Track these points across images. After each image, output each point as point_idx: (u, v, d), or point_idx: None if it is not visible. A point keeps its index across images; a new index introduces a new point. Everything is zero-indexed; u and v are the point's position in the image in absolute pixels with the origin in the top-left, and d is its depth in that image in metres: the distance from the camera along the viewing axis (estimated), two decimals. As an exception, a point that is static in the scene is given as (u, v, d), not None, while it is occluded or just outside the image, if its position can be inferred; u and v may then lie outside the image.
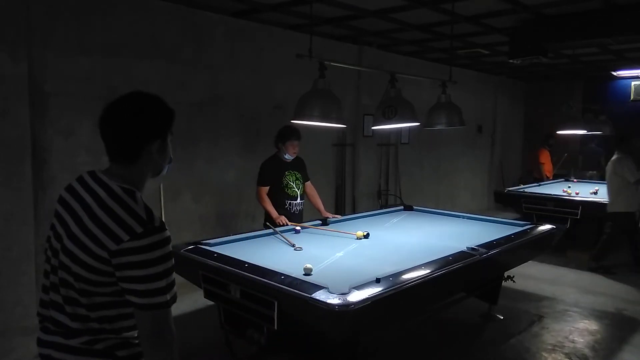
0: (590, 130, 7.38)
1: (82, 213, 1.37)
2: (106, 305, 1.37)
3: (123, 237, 1.30)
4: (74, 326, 1.38)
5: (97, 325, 1.38)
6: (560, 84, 10.10)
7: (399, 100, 3.66)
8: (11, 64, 3.75)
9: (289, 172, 4.30)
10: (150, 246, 1.31)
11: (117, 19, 4.43)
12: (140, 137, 1.43)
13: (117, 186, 1.39)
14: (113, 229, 1.32)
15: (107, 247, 1.31)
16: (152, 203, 4.63)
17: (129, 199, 1.37)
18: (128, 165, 1.44)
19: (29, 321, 3.86)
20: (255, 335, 2.74)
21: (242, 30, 5.43)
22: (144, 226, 1.32)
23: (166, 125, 1.49)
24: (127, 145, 1.42)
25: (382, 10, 5.05)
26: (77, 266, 1.35)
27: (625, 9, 4.72)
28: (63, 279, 1.38)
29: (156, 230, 1.34)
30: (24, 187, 3.84)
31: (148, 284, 1.31)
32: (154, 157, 1.46)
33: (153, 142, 1.44)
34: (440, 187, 8.88)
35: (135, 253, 1.30)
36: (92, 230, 1.33)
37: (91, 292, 1.36)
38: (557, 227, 4.42)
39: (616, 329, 4.10)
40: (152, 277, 1.31)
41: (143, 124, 1.44)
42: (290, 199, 4.29)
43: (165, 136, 1.49)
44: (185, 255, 3.10)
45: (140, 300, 1.32)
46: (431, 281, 2.72)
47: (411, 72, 5.92)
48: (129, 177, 1.44)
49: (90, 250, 1.32)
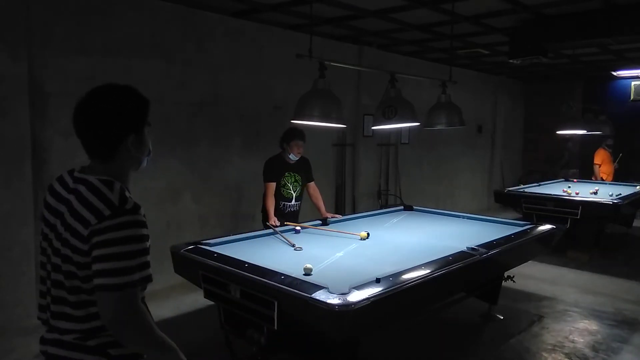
0: (590, 130, 7.38)
1: (67, 214, 1.38)
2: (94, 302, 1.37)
3: (92, 221, 1.30)
4: (66, 326, 1.40)
5: (87, 325, 1.38)
6: (560, 84, 10.10)
7: (399, 100, 3.66)
8: (11, 64, 3.76)
9: (289, 173, 4.37)
10: (118, 225, 1.30)
11: (117, 19, 4.43)
12: (114, 133, 1.42)
13: (95, 179, 1.39)
14: (85, 215, 1.32)
15: (82, 236, 1.31)
16: (153, 203, 4.66)
17: (104, 188, 1.36)
18: (105, 162, 1.44)
19: (29, 321, 3.86)
20: (255, 335, 2.74)
21: (242, 30, 5.43)
22: (112, 209, 1.31)
23: (140, 118, 1.47)
24: (101, 142, 1.42)
25: (382, 10, 5.05)
26: (68, 264, 1.36)
27: (625, 9, 4.72)
28: (56, 280, 1.40)
29: (126, 212, 1.32)
30: (24, 187, 3.84)
31: (112, 263, 1.29)
32: (131, 152, 1.45)
33: (128, 137, 1.43)
34: (440, 187, 8.88)
35: (102, 233, 1.29)
36: (73, 225, 1.34)
37: (81, 288, 1.36)
38: (557, 227, 4.42)
39: (616, 329, 4.10)
40: (118, 255, 1.29)
41: (115, 119, 1.42)
42: (285, 199, 4.37)
43: (140, 129, 1.47)
44: (185, 255, 3.10)
45: (102, 280, 1.29)
46: (431, 281, 2.72)
47: (411, 72, 5.93)
48: (109, 172, 1.43)
49: (74, 247, 1.33)
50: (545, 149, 10.33)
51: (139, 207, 1.37)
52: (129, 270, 1.30)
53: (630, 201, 6.13)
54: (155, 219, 4.77)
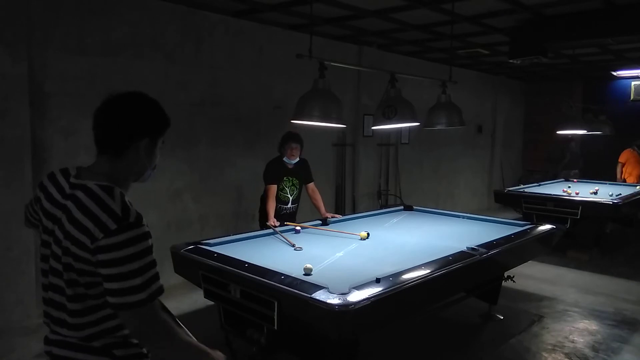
0: (590, 130, 7.37)
1: (66, 221, 1.36)
2: (100, 306, 1.38)
3: (97, 235, 1.29)
4: (65, 333, 1.41)
5: (84, 333, 1.39)
6: (560, 84, 10.10)
7: (399, 100, 3.66)
8: (11, 63, 3.76)
9: (288, 178, 4.43)
10: (124, 243, 1.29)
11: (117, 19, 4.43)
12: (132, 129, 1.44)
13: (94, 184, 1.38)
14: (89, 227, 1.31)
15: (87, 247, 1.31)
16: (153, 203, 4.67)
17: (105, 195, 1.36)
18: (114, 159, 1.44)
19: (29, 321, 3.86)
20: (255, 335, 2.74)
21: (242, 30, 5.43)
22: (118, 222, 1.31)
23: (159, 128, 1.51)
24: (117, 134, 1.43)
25: (382, 10, 5.05)
26: (70, 272, 1.35)
27: (625, 9, 4.72)
28: (57, 285, 1.40)
29: (131, 227, 1.32)
30: (24, 187, 3.84)
31: (121, 282, 1.29)
32: (140, 155, 1.46)
33: (142, 139, 1.45)
34: (440, 187, 8.88)
35: (109, 251, 1.29)
36: (74, 234, 1.33)
37: (87, 295, 1.37)
38: (557, 227, 4.42)
39: (616, 329, 4.10)
40: (126, 275, 1.29)
41: (137, 118, 1.46)
42: (281, 202, 4.43)
43: (155, 137, 1.50)
44: (185, 255, 3.10)
45: (114, 300, 1.31)
46: (431, 281, 2.72)
47: (411, 72, 5.92)
48: (111, 172, 1.43)
49: (77, 255, 1.33)
50: (546, 149, 10.33)
51: (142, 217, 1.36)
52: (140, 288, 1.30)
53: (630, 201, 6.13)
54: (156, 219, 4.78)
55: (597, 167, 9.15)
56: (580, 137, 8.50)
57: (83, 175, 1.44)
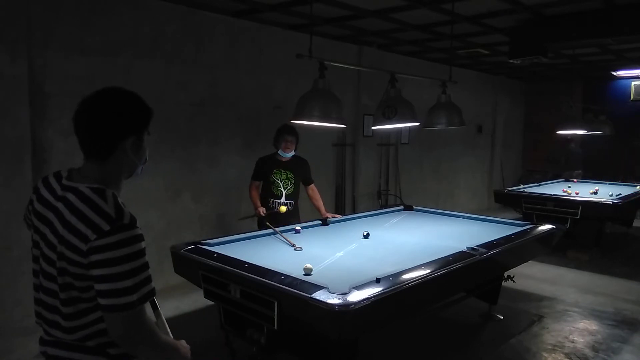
0: (591, 130, 7.38)
1: (58, 224, 1.35)
2: (93, 309, 1.37)
3: (90, 236, 1.28)
4: (59, 335, 1.41)
5: (77, 335, 1.39)
6: (560, 84, 10.09)
7: (399, 100, 3.66)
8: (11, 64, 3.75)
9: (279, 170, 4.37)
10: (117, 244, 1.29)
11: (117, 19, 4.43)
12: (115, 131, 1.41)
13: (86, 187, 1.37)
14: (82, 230, 1.30)
15: (80, 250, 1.30)
16: (153, 203, 4.67)
17: (97, 198, 1.34)
18: (102, 163, 1.42)
19: (29, 321, 3.84)
20: (255, 335, 2.74)
21: (242, 30, 5.42)
22: (112, 223, 1.30)
23: (142, 123, 1.47)
24: (100, 139, 1.40)
25: (382, 10, 5.05)
26: (65, 276, 1.35)
27: (625, 9, 4.72)
28: (50, 289, 1.39)
29: (125, 228, 1.31)
30: (24, 187, 3.84)
31: (112, 284, 1.28)
32: (128, 155, 1.44)
33: (127, 138, 1.42)
34: (440, 187, 8.88)
35: (102, 251, 1.28)
36: (67, 238, 1.32)
37: (80, 298, 1.37)
38: (557, 227, 4.42)
39: (616, 329, 4.10)
40: (117, 276, 1.28)
41: (118, 118, 1.41)
42: (274, 197, 4.37)
43: (141, 134, 1.46)
44: (185, 255, 3.10)
45: (105, 302, 1.30)
46: (431, 281, 2.72)
47: (411, 72, 5.92)
48: (101, 176, 1.42)
49: (71, 259, 1.32)
50: (546, 149, 10.33)
51: (135, 219, 1.35)
52: (131, 290, 1.30)
53: (630, 201, 6.13)
54: (156, 219, 4.78)
55: (597, 167, 9.15)
56: (580, 137, 8.49)
57: (74, 178, 1.42)
